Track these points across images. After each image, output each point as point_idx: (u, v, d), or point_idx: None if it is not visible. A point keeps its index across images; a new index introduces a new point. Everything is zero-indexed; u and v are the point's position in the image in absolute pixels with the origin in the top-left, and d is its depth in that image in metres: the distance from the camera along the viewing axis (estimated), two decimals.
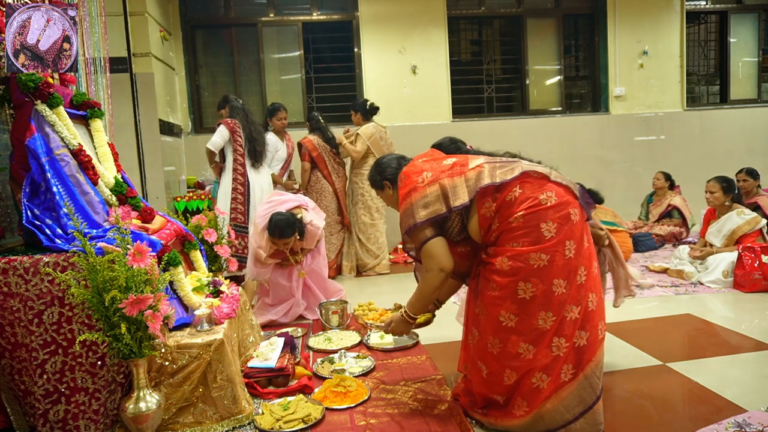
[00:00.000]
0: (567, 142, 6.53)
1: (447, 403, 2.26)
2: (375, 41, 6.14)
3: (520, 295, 1.92)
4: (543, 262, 1.90)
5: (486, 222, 2.02)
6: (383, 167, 2.33)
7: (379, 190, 2.38)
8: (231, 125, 4.35)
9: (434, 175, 2.07)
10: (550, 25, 6.76)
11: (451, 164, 2.10)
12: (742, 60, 7.09)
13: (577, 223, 1.96)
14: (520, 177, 1.98)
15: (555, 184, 2.00)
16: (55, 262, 1.88)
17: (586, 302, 1.95)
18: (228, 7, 6.15)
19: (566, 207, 1.94)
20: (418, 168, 2.13)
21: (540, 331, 1.92)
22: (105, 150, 2.41)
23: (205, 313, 2.24)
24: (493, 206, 1.98)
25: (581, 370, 1.94)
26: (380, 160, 2.38)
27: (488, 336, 2.01)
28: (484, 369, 2.05)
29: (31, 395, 1.90)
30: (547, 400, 1.93)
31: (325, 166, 4.89)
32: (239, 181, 4.30)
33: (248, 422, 2.16)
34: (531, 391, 1.95)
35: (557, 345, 1.92)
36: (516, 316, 1.93)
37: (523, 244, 1.92)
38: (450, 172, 2.06)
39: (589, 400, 1.94)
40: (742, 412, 2.08)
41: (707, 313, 3.39)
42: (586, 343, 1.94)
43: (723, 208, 4.25)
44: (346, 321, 3.36)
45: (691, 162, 6.68)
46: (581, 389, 1.94)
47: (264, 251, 3.36)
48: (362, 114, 4.91)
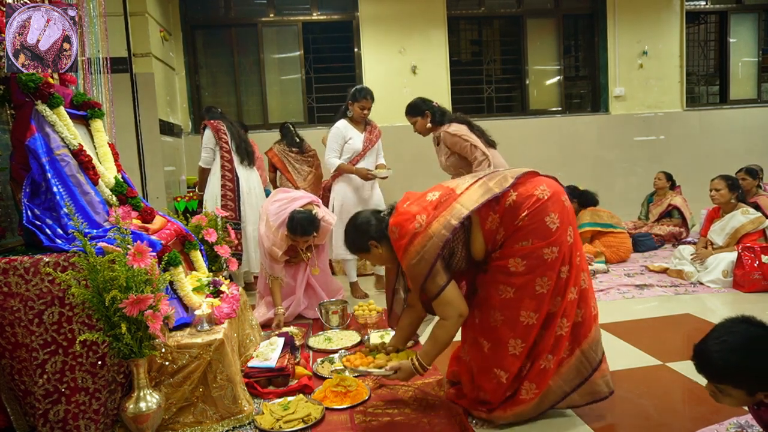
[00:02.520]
0: (567, 142, 6.53)
1: (447, 403, 2.26)
2: (375, 41, 6.14)
3: (538, 291, 1.97)
4: (554, 255, 1.96)
5: (491, 234, 2.03)
6: (363, 228, 2.16)
7: (365, 254, 2.21)
8: (215, 124, 4.30)
9: (428, 214, 2.00)
10: (550, 25, 6.76)
11: (438, 197, 2.04)
12: (741, 60, 7.10)
13: (570, 207, 2.07)
14: (516, 180, 2.01)
15: (542, 177, 2.08)
16: (56, 262, 1.88)
17: (580, 282, 2.06)
18: (228, 7, 6.15)
19: (560, 195, 2.04)
20: (408, 214, 2.02)
21: (551, 315, 2.01)
22: (105, 150, 2.41)
23: (205, 313, 2.24)
24: (497, 217, 2.00)
25: (578, 345, 2.06)
26: (354, 224, 2.19)
27: (508, 340, 2.01)
28: (503, 375, 2.03)
29: (31, 395, 1.90)
30: (551, 378, 2.03)
31: (286, 169, 5.04)
32: (228, 177, 4.24)
33: (248, 422, 2.16)
34: (539, 373, 2.03)
35: (560, 325, 2.02)
36: (536, 312, 1.98)
37: (532, 241, 1.96)
38: (445, 203, 2.01)
39: (586, 372, 2.07)
40: (744, 413, 2.08)
41: (707, 313, 3.39)
42: (581, 320, 2.06)
43: (728, 206, 4.22)
44: (346, 321, 3.37)
45: (691, 162, 6.68)
46: (579, 363, 2.06)
47: (279, 249, 3.37)
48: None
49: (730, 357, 1.43)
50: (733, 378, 1.45)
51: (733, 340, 1.45)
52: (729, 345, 1.45)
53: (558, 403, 2.08)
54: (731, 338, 1.46)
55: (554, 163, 6.44)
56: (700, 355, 1.51)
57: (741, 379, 1.44)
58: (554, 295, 1.99)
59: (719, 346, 1.46)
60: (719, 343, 1.47)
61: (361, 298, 3.97)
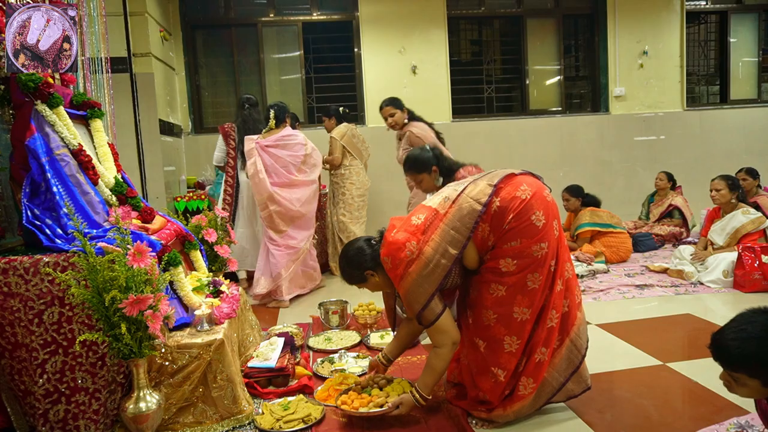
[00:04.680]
0: (567, 143, 6.53)
1: (446, 404, 2.26)
2: (375, 41, 6.14)
3: (530, 287, 1.99)
4: (544, 251, 1.99)
5: (483, 242, 2.04)
6: (358, 258, 2.13)
7: (362, 284, 2.19)
8: (226, 129, 4.56)
9: (417, 240, 1.98)
10: (550, 25, 6.76)
11: (424, 220, 2.02)
12: (742, 60, 7.09)
13: (552, 201, 2.07)
14: (496, 186, 2.01)
15: (520, 176, 2.08)
16: (55, 262, 1.88)
17: (564, 273, 2.08)
18: (228, 7, 6.15)
19: (541, 191, 2.05)
20: (398, 243, 1.99)
21: (542, 309, 2.04)
22: (105, 150, 2.41)
23: (205, 313, 2.23)
24: (486, 226, 2.01)
25: (567, 335, 2.10)
26: (347, 255, 2.17)
27: (504, 338, 2.03)
28: (501, 373, 2.05)
29: (31, 395, 1.90)
30: (545, 370, 2.06)
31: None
32: (229, 183, 4.51)
33: (248, 422, 2.16)
34: (535, 367, 2.05)
35: (551, 317, 2.04)
36: (529, 308, 2.00)
37: (521, 241, 1.98)
38: (432, 226, 2.00)
39: (577, 361, 2.12)
40: (744, 413, 2.07)
41: (707, 313, 3.39)
42: (567, 309, 2.10)
43: (728, 206, 4.22)
44: (346, 321, 3.37)
45: (691, 162, 6.68)
46: (569, 352, 2.10)
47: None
48: (336, 118, 4.97)
49: (747, 345, 1.43)
50: (749, 367, 1.44)
51: (753, 329, 1.45)
52: (747, 333, 1.44)
53: (555, 395, 2.11)
54: (750, 327, 1.45)
55: (554, 163, 6.44)
56: (717, 342, 1.51)
57: (757, 368, 1.43)
58: (545, 289, 2.02)
59: (737, 334, 1.46)
60: (737, 331, 1.47)
61: None
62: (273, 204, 3.99)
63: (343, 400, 2.17)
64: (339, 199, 4.90)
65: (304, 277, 4.26)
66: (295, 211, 4.07)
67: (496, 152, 6.29)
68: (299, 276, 4.20)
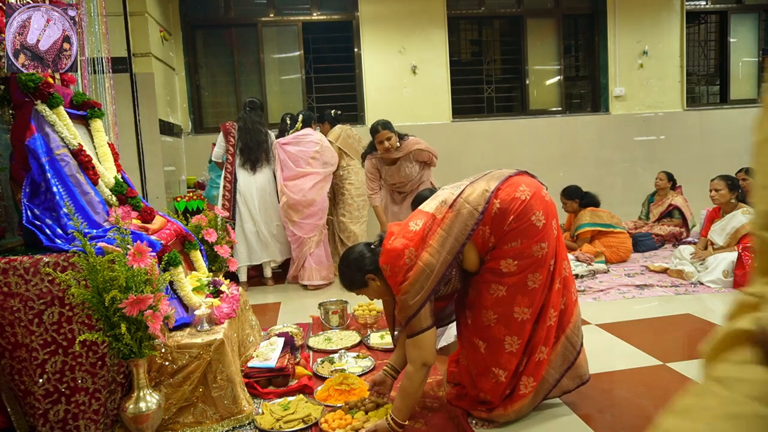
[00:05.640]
0: (567, 143, 6.53)
1: (446, 404, 2.26)
2: (375, 41, 6.14)
3: (530, 286, 1.99)
4: (544, 251, 1.99)
5: (484, 244, 2.03)
6: (359, 263, 2.08)
7: (364, 288, 2.12)
8: (227, 127, 4.63)
9: (415, 246, 1.96)
10: (550, 25, 6.75)
11: (422, 227, 2.00)
12: (742, 60, 7.09)
13: (550, 201, 2.07)
14: (495, 188, 2.00)
15: (517, 176, 2.08)
16: (55, 262, 1.88)
17: (562, 271, 2.09)
18: (228, 7, 6.15)
19: (540, 191, 2.05)
20: (396, 251, 1.96)
21: (542, 308, 2.04)
22: (105, 150, 2.41)
23: (205, 313, 2.24)
24: (486, 228, 2.00)
25: (563, 332, 2.12)
26: (348, 259, 2.12)
27: (504, 338, 2.02)
28: (502, 373, 2.05)
29: (31, 395, 1.90)
30: (544, 368, 2.07)
31: None
32: (227, 179, 4.57)
33: (248, 422, 2.16)
34: (535, 366, 2.06)
35: (550, 316, 2.05)
36: (529, 307, 2.01)
37: (522, 241, 1.97)
38: (431, 232, 1.99)
39: (571, 357, 2.13)
40: None
41: (707, 313, 3.39)
42: (564, 307, 2.12)
43: (728, 206, 4.22)
44: (346, 321, 3.37)
45: (691, 162, 6.67)
46: (564, 349, 2.12)
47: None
48: (329, 122, 5.02)
49: None
50: None
51: None
52: None
53: (551, 391, 2.13)
54: None
55: (554, 163, 6.44)
56: None
57: None
58: (544, 289, 2.03)
59: None
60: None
61: None
62: (283, 196, 4.49)
63: (326, 419, 2.14)
64: (339, 200, 4.92)
65: (326, 269, 4.65)
66: (300, 199, 4.45)
67: (496, 152, 6.29)
68: (323, 267, 4.62)
